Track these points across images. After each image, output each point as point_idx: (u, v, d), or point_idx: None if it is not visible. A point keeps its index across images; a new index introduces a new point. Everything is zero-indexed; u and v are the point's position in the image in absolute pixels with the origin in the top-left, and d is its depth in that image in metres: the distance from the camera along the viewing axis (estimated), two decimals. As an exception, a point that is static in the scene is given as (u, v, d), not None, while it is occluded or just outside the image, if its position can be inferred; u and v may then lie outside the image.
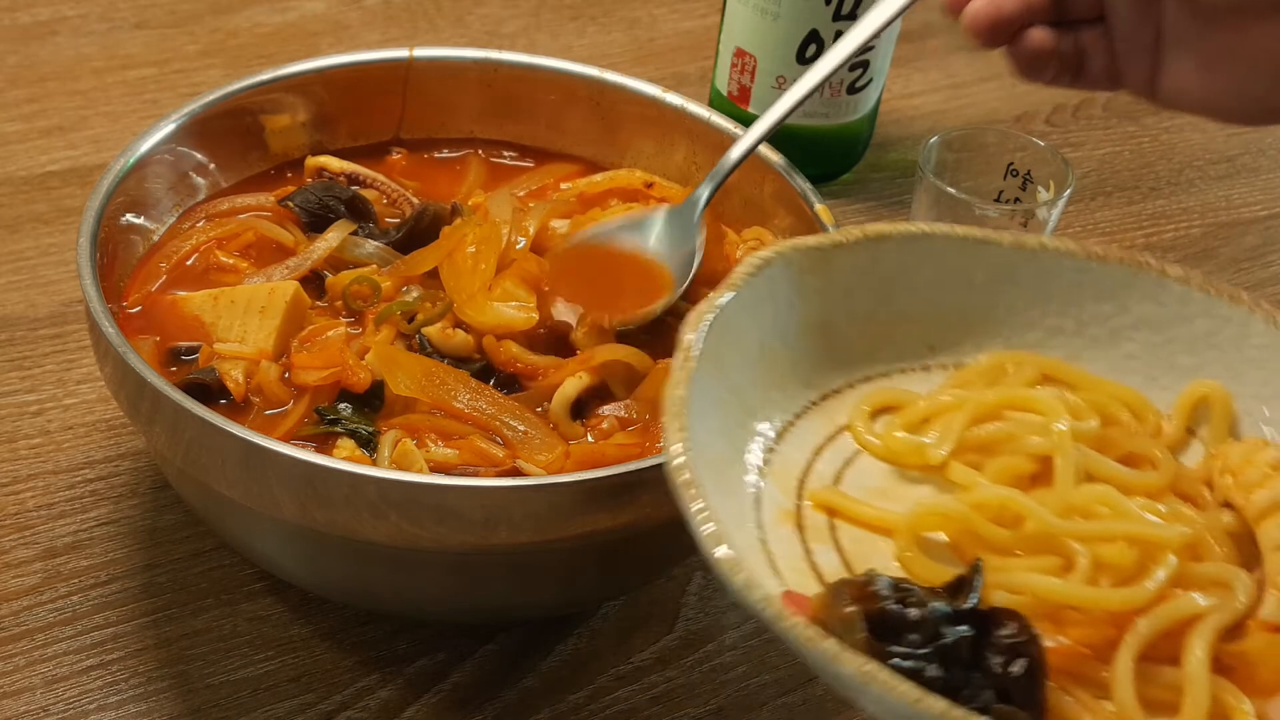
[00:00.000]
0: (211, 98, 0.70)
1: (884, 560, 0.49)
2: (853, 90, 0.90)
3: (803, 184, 0.69)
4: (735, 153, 0.68)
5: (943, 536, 0.49)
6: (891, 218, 0.91)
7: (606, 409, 0.63)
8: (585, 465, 0.59)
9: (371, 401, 0.61)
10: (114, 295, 0.65)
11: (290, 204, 0.70)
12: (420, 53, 0.75)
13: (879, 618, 0.44)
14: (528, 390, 0.63)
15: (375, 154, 0.76)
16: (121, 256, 0.67)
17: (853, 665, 0.40)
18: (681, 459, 0.45)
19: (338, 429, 0.60)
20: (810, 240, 0.55)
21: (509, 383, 0.64)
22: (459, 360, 0.63)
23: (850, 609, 0.44)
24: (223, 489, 0.56)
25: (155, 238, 0.69)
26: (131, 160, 0.66)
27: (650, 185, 0.75)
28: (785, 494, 0.51)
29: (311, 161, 0.73)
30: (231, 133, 0.72)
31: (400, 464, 0.59)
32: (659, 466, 0.55)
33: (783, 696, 0.64)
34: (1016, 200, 0.81)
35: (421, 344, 0.64)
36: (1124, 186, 1.00)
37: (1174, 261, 0.56)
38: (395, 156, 0.76)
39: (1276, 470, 0.50)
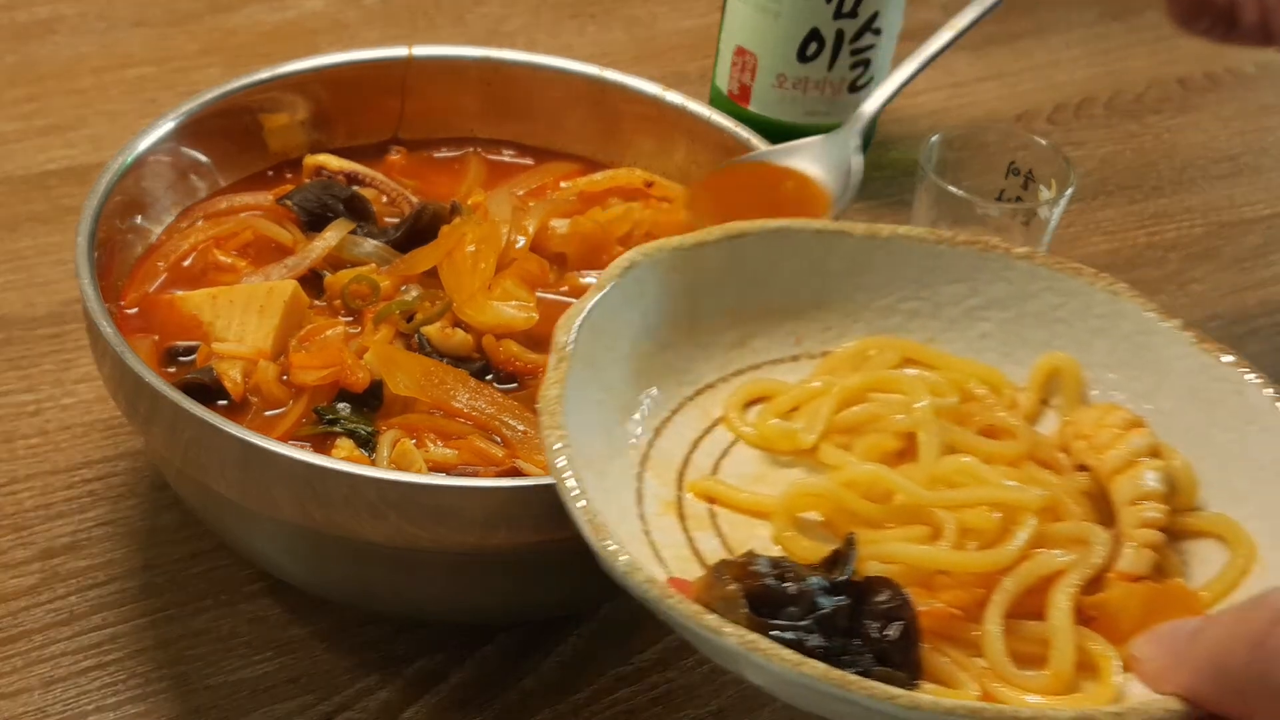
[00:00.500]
0: (210, 96, 0.70)
1: (763, 542, 0.52)
2: (854, 89, 0.90)
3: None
4: (904, 72, 0.71)
5: (817, 516, 0.52)
6: (893, 217, 0.91)
7: (606, 409, 0.63)
8: (585, 465, 0.59)
9: (370, 401, 0.61)
10: (112, 295, 0.65)
11: (289, 203, 0.69)
12: (419, 51, 0.75)
13: (759, 594, 0.46)
14: (528, 389, 0.63)
15: (374, 153, 0.76)
16: (120, 256, 0.67)
17: (735, 638, 0.43)
18: (561, 459, 0.48)
19: (336, 429, 0.60)
20: (674, 240, 0.57)
21: (509, 381, 0.63)
22: (458, 360, 0.63)
23: (731, 587, 0.46)
24: (221, 489, 0.56)
25: (153, 237, 0.69)
26: (130, 159, 0.66)
27: (650, 184, 0.74)
28: (665, 486, 0.53)
29: (310, 160, 0.73)
30: (230, 132, 0.72)
31: (399, 464, 0.59)
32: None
33: (783, 697, 0.64)
34: (1018, 199, 0.81)
35: (421, 343, 0.63)
36: (1126, 185, 1.00)
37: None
38: (394, 155, 0.76)
39: (1125, 431, 0.53)
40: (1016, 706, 0.44)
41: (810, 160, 0.70)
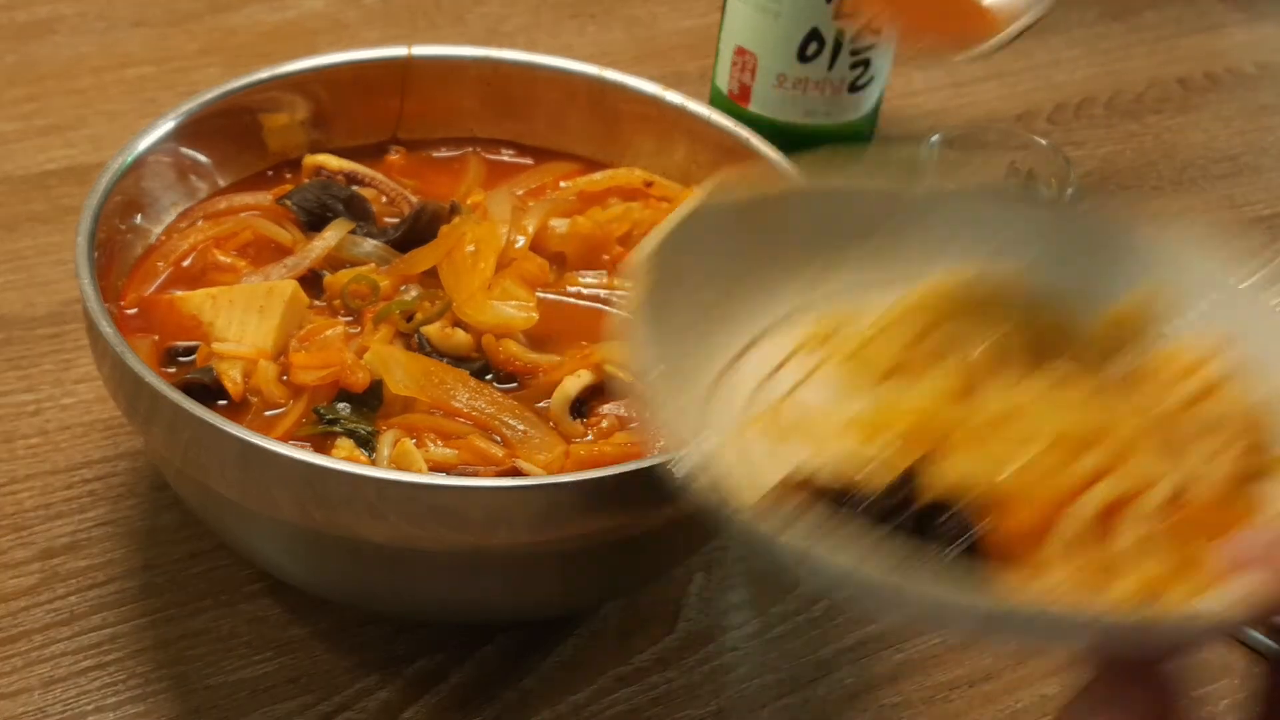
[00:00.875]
0: (209, 96, 0.70)
1: (833, 462, 0.51)
2: (854, 89, 0.90)
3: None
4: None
5: (886, 442, 0.51)
6: (892, 216, 0.91)
7: (606, 407, 0.63)
8: (585, 465, 0.59)
9: (370, 401, 0.61)
10: (112, 295, 0.65)
11: (288, 203, 0.69)
12: (419, 51, 0.75)
13: (826, 508, 0.46)
14: (528, 388, 0.63)
15: (374, 153, 0.76)
16: (119, 256, 0.66)
17: (801, 536, 0.42)
18: (641, 369, 0.47)
19: (336, 429, 0.60)
20: (755, 182, 0.56)
21: (509, 381, 0.63)
22: (458, 360, 0.63)
23: (799, 501, 0.46)
24: (221, 489, 0.56)
25: (153, 237, 0.69)
26: (129, 159, 0.66)
27: (650, 184, 0.74)
28: (738, 411, 0.53)
29: (310, 160, 0.73)
30: (230, 132, 0.72)
31: (399, 464, 0.58)
32: (660, 466, 0.55)
33: (784, 698, 0.64)
34: (1018, 199, 0.81)
35: (420, 343, 0.63)
36: (1126, 185, 0.99)
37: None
38: (394, 155, 0.76)
39: (1206, 362, 0.53)
40: (1086, 604, 0.43)
41: None
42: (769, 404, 0.54)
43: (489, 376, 0.63)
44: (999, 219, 0.58)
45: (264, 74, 0.72)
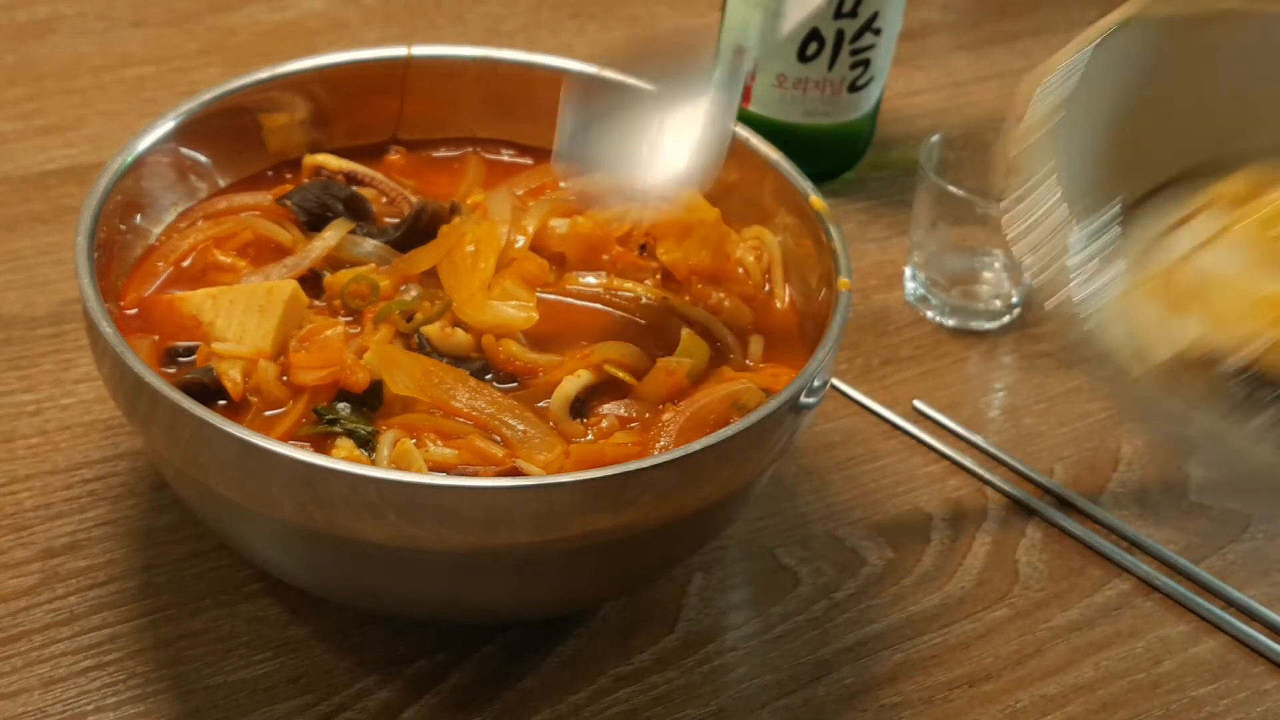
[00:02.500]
0: (209, 96, 0.70)
1: (1242, 340, 0.46)
2: (854, 89, 0.89)
3: (803, 183, 0.69)
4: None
5: None
6: (892, 217, 0.91)
7: (606, 408, 0.63)
8: (585, 465, 0.59)
9: (370, 401, 0.61)
10: (112, 295, 0.65)
11: (288, 203, 0.69)
12: (419, 51, 0.75)
13: (1229, 394, 0.42)
14: (528, 388, 0.63)
15: (373, 152, 0.76)
16: (119, 256, 0.66)
17: (1218, 401, 0.39)
18: (1035, 198, 0.43)
19: (336, 429, 0.60)
20: (1169, 7, 0.50)
21: (508, 381, 0.63)
22: (458, 360, 0.63)
23: (1195, 379, 0.42)
24: (221, 489, 0.56)
25: (153, 237, 0.69)
26: (129, 159, 0.66)
27: (650, 184, 0.74)
28: (1137, 268, 0.48)
29: (309, 160, 0.73)
30: (229, 131, 0.72)
31: (399, 464, 0.58)
32: (659, 466, 0.55)
33: (783, 698, 0.64)
34: (1018, 199, 0.80)
35: (420, 343, 0.63)
36: (1125, 185, 0.99)
37: None
38: (394, 155, 0.76)
39: None
40: None
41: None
42: (1166, 263, 0.48)
43: (489, 376, 0.63)
44: None
45: (264, 74, 0.72)
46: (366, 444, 0.60)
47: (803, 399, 0.60)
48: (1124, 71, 0.49)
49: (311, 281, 0.66)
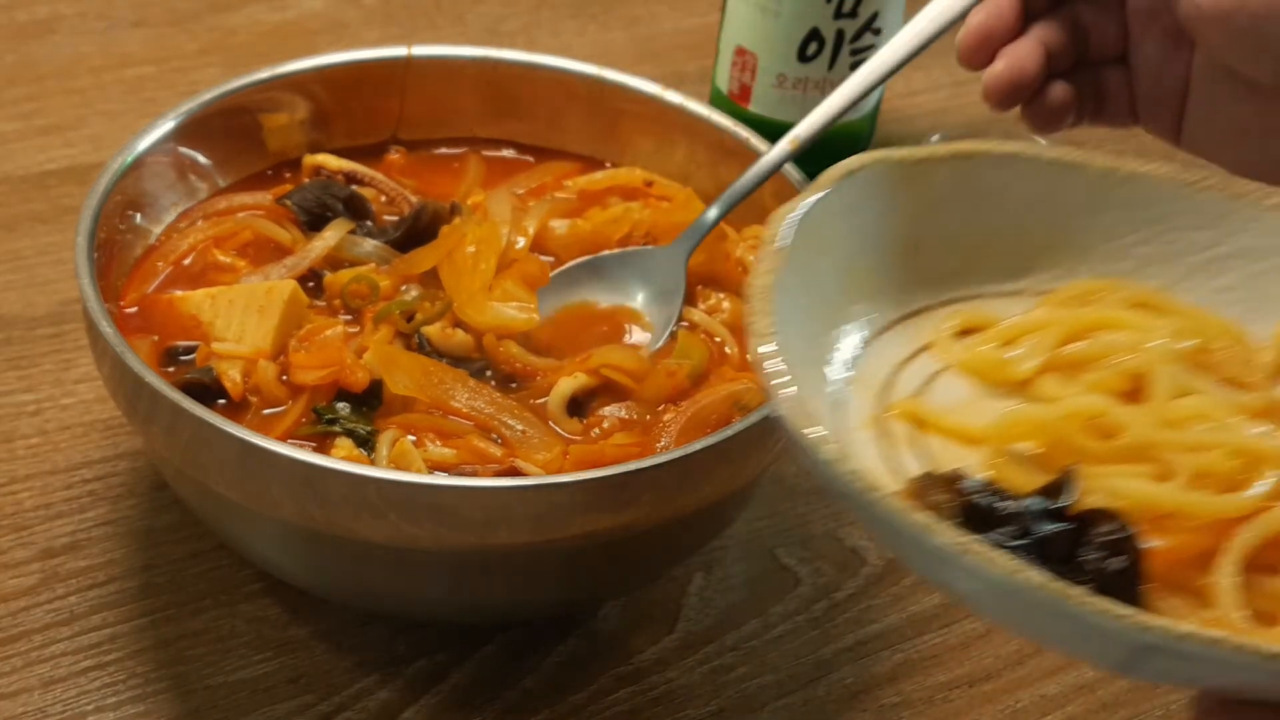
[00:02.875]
0: (209, 96, 0.70)
1: (971, 469, 0.47)
2: (853, 88, 0.89)
3: (804, 183, 0.69)
4: (711, 214, 0.68)
5: (1033, 448, 0.48)
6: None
7: (607, 410, 0.63)
8: (584, 465, 0.59)
9: (370, 401, 0.61)
10: (112, 295, 0.65)
11: (288, 203, 0.69)
12: (419, 51, 0.75)
13: (969, 510, 0.42)
14: (527, 388, 0.63)
15: (373, 152, 0.76)
16: (119, 256, 0.66)
17: (948, 536, 0.39)
18: (768, 346, 0.44)
19: (336, 428, 0.60)
20: (900, 152, 0.53)
21: (508, 381, 0.63)
22: (458, 360, 0.63)
23: (939, 497, 0.43)
24: (221, 489, 0.56)
25: (153, 237, 0.69)
26: (129, 159, 0.66)
27: (650, 184, 0.74)
28: (866, 402, 0.50)
29: (309, 160, 0.73)
30: (229, 131, 0.72)
31: (398, 463, 0.58)
32: (659, 466, 0.55)
33: (783, 698, 0.64)
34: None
35: (420, 343, 0.63)
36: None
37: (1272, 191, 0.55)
38: (394, 155, 0.76)
39: None
40: (1259, 640, 0.38)
41: (641, 281, 0.68)
42: (908, 392, 0.51)
43: (489, 377, 0.63)
44: (1166, 215, 0.54)
45: (264, 74, 0.72)
46: (366, 444, 0.60)
47: (803, 399, 0.59)
48: (866, 211, 0.52)
49: (311, 281, 0.66)
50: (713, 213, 0.68)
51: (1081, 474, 0.45)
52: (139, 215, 0.68)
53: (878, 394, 0.51)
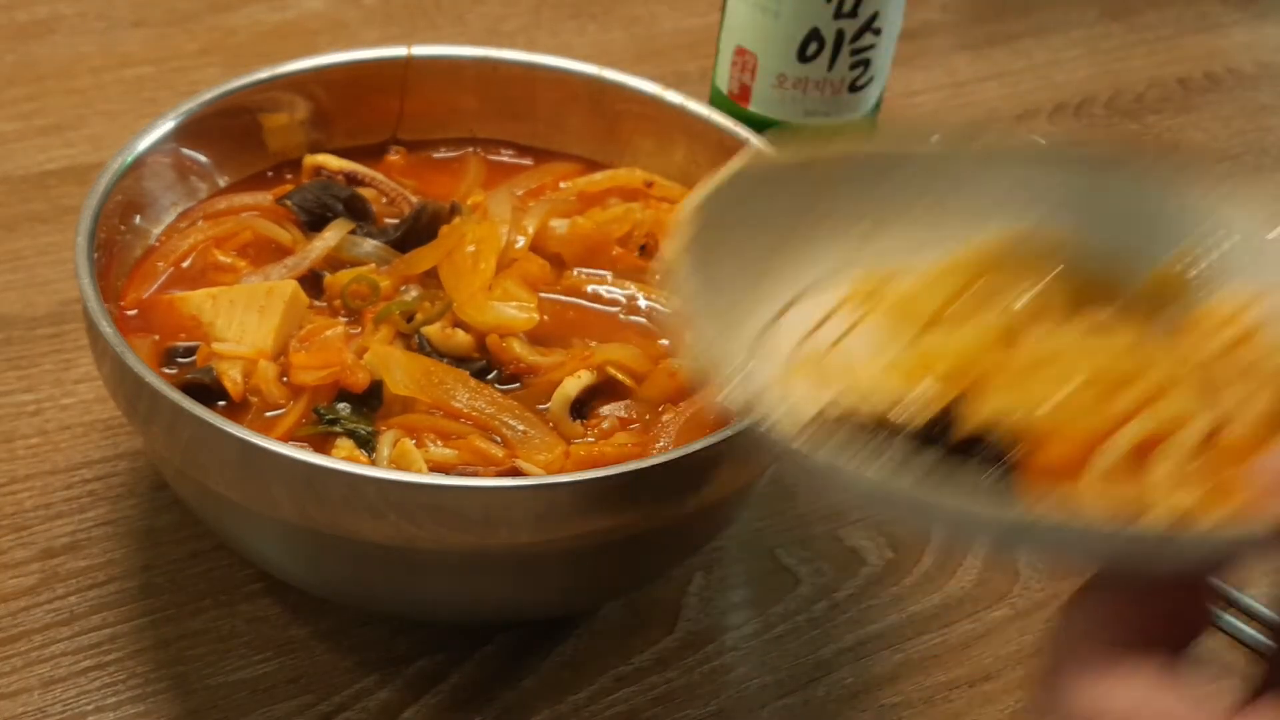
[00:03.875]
0: (209, 96, 0.70)
1: (875, 399, 0.52)
2: (854, 89, 0.89)
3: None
4: None
5: (930, 378, 0.52)
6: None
7: (607, 409, 0.63)
8: (585, 465, 0.59)
9: (370, 401, 0.61)
10: (112, 295, 0.65)
11: (288, 203, 0.69)
12: (419, 51, 0.75)
13: (859, 437, 0.48)
14: (528, 388, 0.63)
15: (373, 153, 0.76)
16: (119, 256, 0.66)
17: (835, 448, 0.43)
18: (685, 309, 0.48)
19: (336, 429, 0.60)
20: (798, 150, 0.56)
21: (509, 382, 0.63)
22: (459, 360, 0.63)
23: (833, 431, 0.47)
24: (221, 489, 0.56)
25: (153, 237, 0.69)
26: (129, 159, 0.66)
27: (650, 184, 0.74)
28: (777, 365, 0.53)
29: (309, 160, 0.73)
30: (229, 132, 0.72)
31: (399, 464, 0.58)
32: (659, 466, 0.55)
33: (783, 698, 0.64)
34: (1018, 199, 0.80)
35: (421, 344, 0.63)
36: (1125, 185, 0.99)
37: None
38: (393, 155, 0.76)
39: (1235, 315, 0.52)
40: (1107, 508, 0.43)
41: None
42: (813, 353, 0.54)
43: (490, 377, 0.63)
44: (1046, 181, 0.57)
45: (264, 74, 0.72)
46: (366, 444, 0.60)
47: (803, 399, 0.59)
48: (765, 198, 0.55)
49: (311, 281, 0.66)
50: None
51: (967, 401, 0.49)
52: (139, 215, 0.68)
53: (794, 353, 0.54)
